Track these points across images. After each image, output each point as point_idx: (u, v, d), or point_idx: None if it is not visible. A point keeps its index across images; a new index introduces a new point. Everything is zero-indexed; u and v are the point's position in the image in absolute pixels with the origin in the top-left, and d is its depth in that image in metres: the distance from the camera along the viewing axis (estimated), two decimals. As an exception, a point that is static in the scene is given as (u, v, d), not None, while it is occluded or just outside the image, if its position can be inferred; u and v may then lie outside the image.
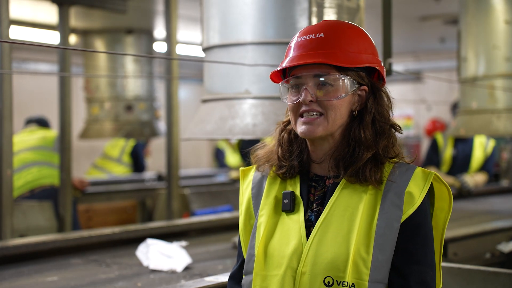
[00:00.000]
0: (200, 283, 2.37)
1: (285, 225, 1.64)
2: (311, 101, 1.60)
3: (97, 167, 7.81)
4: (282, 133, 1.72)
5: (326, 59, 1.59)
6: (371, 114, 1.63)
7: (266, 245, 1.63)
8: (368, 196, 1.59)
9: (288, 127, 1.72)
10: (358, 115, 1.65)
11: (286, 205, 1.65)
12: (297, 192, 1.66)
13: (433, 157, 5.90)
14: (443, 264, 1.64)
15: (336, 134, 1.64)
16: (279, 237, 1.63)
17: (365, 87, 1.65)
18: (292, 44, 1.68)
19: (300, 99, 1.61)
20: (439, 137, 5.99)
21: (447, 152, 5.86)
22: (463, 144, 5.83)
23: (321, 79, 1.61)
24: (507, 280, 2.52)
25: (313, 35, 1.64)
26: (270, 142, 1.77)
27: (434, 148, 5.96)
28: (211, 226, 3.96)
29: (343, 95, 1.61)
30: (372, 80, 1.66)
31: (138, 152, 7.73)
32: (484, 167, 5.84)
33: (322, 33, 1.63)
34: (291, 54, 1.66)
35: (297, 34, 1.69)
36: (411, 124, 12.10)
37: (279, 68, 1.67)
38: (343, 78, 1.61)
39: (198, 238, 3.76)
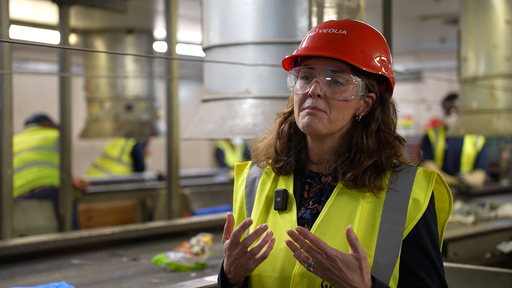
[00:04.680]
0: (200, 283, 2.37)
1: (278, 224, 1.61)
2: (318, 95, 1.57)
3: (97, 167, 7.81)
4: (283, 126, 1.69)
5: (345, 56, 1.56)
6: (377, 123, 1.61)
7: None
8: (366, 202, 1.56)
9: (289, 119, 1.69)
10: (362, 121, 1.62)
11: (279, 204, 1.63)
12: (290, 190, 1.64)
13: (427, 151, 5.96)
14: (443, 264, 1.64)
15: (336, 135, 1.62)
16: None
17: (373, 95, 1.62)
18: (311, 34, 1.64)
19: (309, 91, 1.58)
20: (431, 132, 6.09)
21: (439, 146, 5.93)
22: (454, 139, 5.88)
23: (334, 75, 1.58)
24: (507, 280, 2.52)
25: (336, 30, 1.60)
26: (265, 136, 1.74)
27: (427, 143, 6.02)
28: (211, 226, 3.96)
29: (352, 97, 1.58)
30: (381, 90, 1.64)
31: (138, 152, 7.74)
32: (477, 163, 5.90)
33: (345, 31, 1.60)
34: (309, 43, 1.62)
35: (317, 26, 1.66)
36: (411, 124, 12.10)
37: (294, 54, 1.63)
38: (356, 80, 1.58)
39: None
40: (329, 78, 1.58)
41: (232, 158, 9.19)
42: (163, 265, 2.82)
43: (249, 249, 1.51)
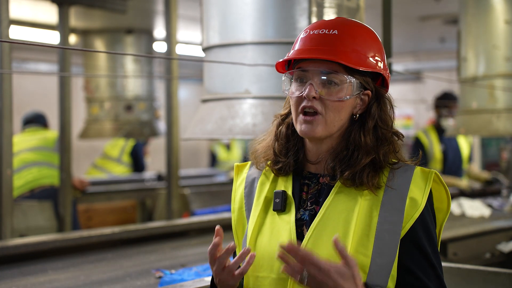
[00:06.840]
0: (200, 283, 2.37)
1: (276, 225, 1.61)
2: (314, 97, 1.57)
3: (97, 167, 7.81)
4: (280, 127, 1.69)
5: (337, 57, 1.56)
6: (374, 120, 1.60)
7: (257, 247, 1.62)
8: (364, 200, 1.55)
9: (286, 120, 1.68)
10: (359, 119, 1.62)
11: (277, 205, 1.62)
12: (289, 191, 1.64)
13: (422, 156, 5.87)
14: (442, 264, 1.63)
15: (334, 136, 1.61)
16: (269, 238, 1.61)
17: (369, 92, 1.62)
18: (303, 36, 1.63)
19: (304, 94, 1.58)
20: (422, 135, 5.85)
21: (436, 148, 5.81)
22: (449, 139, 5.82)
23: (328, 76, 1.57)
24: (507, 280, 2.52)
25: (327, 30, 1.60)
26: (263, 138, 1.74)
27: (421, 146, 5.73)
28: (211, 226, 3.96)
29: (348, 97, 1.57)
30: (377, 86, 1.64)
31: (138, 152, 7.74)
32: (470, 158, 6.05)
33: (336, 30, 1.59)
34: (301, 45, 1.62)
35: (309, 27, 1.65)
36: (411, 124, 12.09)
37: (286, 58, 1.63)
38: (350, 79, 1.57)
39: (198, 238, 3.76)
40: (324, 79, 1.58)
41: (228, 156, 9.22)
42: None
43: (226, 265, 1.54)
